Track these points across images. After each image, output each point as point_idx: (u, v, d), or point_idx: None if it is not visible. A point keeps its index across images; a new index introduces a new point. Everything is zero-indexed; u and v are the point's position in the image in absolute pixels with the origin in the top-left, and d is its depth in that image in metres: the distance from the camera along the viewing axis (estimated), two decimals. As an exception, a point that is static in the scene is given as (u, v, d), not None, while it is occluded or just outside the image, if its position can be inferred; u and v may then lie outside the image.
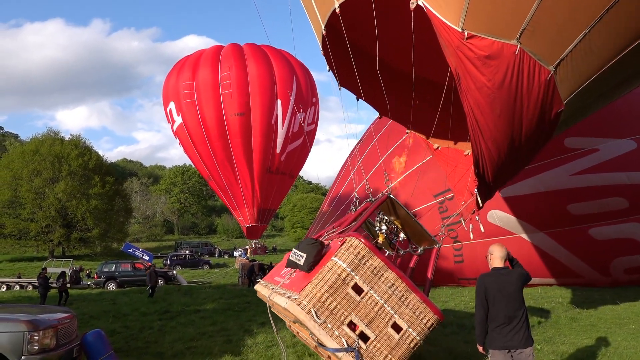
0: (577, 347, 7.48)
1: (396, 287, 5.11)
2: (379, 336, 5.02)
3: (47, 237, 40.77)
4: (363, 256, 5.11)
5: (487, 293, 4.42)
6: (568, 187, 13.57)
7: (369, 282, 5.07)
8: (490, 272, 4.56)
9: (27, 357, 5.21)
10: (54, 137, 45.61)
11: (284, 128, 22.94)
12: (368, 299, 5.04)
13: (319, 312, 4.92)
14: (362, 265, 5.08)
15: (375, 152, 16.87)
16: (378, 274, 5.09)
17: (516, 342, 4.27)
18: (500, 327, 4.32)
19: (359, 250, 5.12)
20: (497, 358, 4.33)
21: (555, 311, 10.95)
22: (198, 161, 23.87)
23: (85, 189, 41.67)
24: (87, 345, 6.23)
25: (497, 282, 4.40)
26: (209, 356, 7.34)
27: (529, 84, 5.47)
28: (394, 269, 5.19)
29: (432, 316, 5.14)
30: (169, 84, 24.30)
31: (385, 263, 5.16)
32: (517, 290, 4.37)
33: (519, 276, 4.47)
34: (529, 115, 5.76)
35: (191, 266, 35.82)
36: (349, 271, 5.04)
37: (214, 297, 16.14)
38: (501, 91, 5.53)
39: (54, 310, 6.69)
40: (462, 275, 15.53)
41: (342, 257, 5.09)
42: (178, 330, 9.89)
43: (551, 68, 5.38)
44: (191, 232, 75.44)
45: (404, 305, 5.11)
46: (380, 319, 5.04)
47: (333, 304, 4.96)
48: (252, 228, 24.38)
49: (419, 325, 5.12)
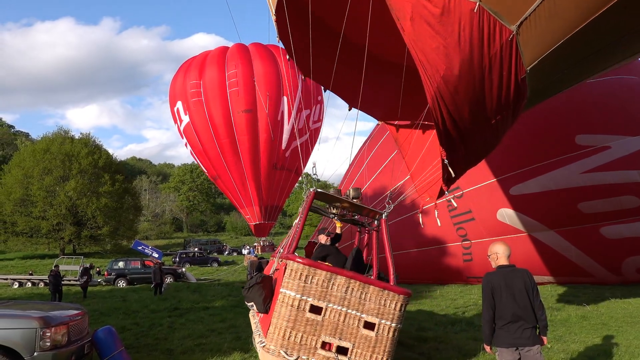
0: (587, 345, 7.42)
1: (351, 289, 5.05)
2: (357, 342, 5.01)
3: (58, 234, 41.18)
4: (307, 276, 5.00)
5: (494, 291, 4.34)
6: (579, 185, 13.42)
7: (323, 298, 4.99)
8: (496, 270, 4.49)
9: (40, 353, 5.27)
10: (64, 136, 46.01)
11: (289, 125, 23.00)
12: (330, 313, 4.99)
13: (288, 351, 4.88)
14: (310, 284, 4.99)
15: (384, 149, 16.82)
16: (328, 285, 5.01)
17: (524, 340, 4.21)
18: (508, 324, 4.26)
19: (300, 272, 5.00)
20: (505, 356, 4.27)
21: (566, 309, 10.88)
22: (205, 160, 23.95)
23: (95, 187, 42.02)
24: (98, 342, 6.29)
25: (504, 280, 4.34)
26: (218, 353, 7.37)
27: (490, 44, 5.20)
28: (341, 272, 5.15)
29: (398, 298, 5.11)
30: (175, 85, 24.44)
31: (330, 270, 5.10)
32: (524, 288, 4.30)
33: (525, 273, 4.41)
34: (491, 79, 5.47)
35: (200, 264, 36.00)
36: (300, 297, 4.96)
37: (222, 295, 16.23)
38: (459, 51, 5.27)
39: (66, 307, 6.76)
40: (471, 273, 15.46)
41: (289, 286, 4.99)
42: (187, 327, 9.95)
43: (513, 28, 5.12)
44: (200, 229, 75.83)
45: (366, 302, 5.08)
46: (349, 326, 5.01)
47: (299, 335, 4.91)
48: (260, 226, 24.46)
49: (390, 312, 5.10)
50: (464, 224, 14.74)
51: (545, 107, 14.17)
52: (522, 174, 13.86)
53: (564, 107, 14.05)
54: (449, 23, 5.09)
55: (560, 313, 10.40)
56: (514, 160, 13.93)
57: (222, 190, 25.38)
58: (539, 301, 4.32)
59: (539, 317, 4.30)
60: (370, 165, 17.14)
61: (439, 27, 5.13)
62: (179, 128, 24.60)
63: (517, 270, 4.42)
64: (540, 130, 13.91)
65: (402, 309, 5.14)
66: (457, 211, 14.74)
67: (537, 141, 13.87)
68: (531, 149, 13.86)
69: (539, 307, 4.31)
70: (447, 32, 5.13)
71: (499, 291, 4.32)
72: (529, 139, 13.97)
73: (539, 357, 4.21)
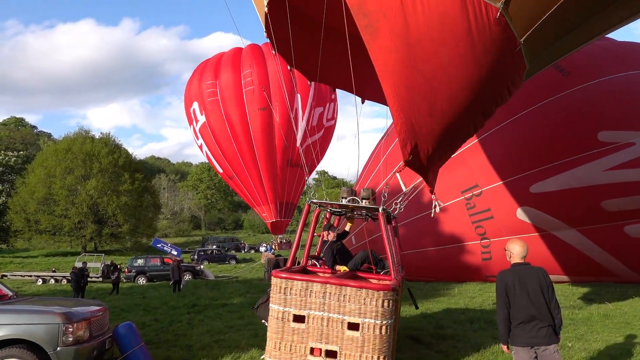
0: (609, 344, 7.27)
1: (329, 293, 5.25)
2: (343, 344, 5.14)
3: (79, 232, 42.00)
4: (285, 288, 5.36)
5: (508, 289, 4.24)
6: (602, 182, 13.12)
7: (303, 306, 5.29)
8: (510, 268, 4.38)
9: (62, 348, 5.39)
10: (85, 136, 46.86)
11: (303, 121, 23.08)
12: (312, 320, 5.25)
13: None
14: (289, 296, 5.33)
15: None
16: (306, 294, 5.30)
17: (539, 339, 4.13)
18: (523, 323, 4.17)
19: (279, 285, 5.38)
20: (521, 355, 4.19)
21: (588, 308, 10.68)
22: (221, 159, 24.08)
23: (116, 185, 42.72)
24: (119, 337, 6.39)
25: (518, 278, 4.24)
26: (236, 349, 7.43)
27: (478, 23, 5.25)
28: (316, 279, 5.38)
29: (377, 294, 5.16)
30: (191, 86, 24.69)
31: (306, 279, 5.35)
32: (539, 286, 4.20)
33: (540, 272, 4.30)
34: (485, 57, 5.47)
35: (218, 261, 36.36)
36: (282, 309, 5.33)
37: (240, 292, 16.35)
38: (446, 34, 5.27)
39: (88, 304, 6.89)
40: (490, 272, 15.27)
41: (274, 300, 5.41)
42: (206, 324, 10.05)
43: (499, 5, 5.14)
44: (218, 227, 76.50)
45: (346, 303, 5.20)
46: (333, 330, 5.18)
47: (287, 345, 5.26)
48: (276, 223, 24.59)
49: (372, 310, 5.14)
50: (482, 222, 14.56)
51: (567, 103, 13.95)
52: (543, 172, 13.62)
53: (586, 102, 13.77)
54: (434, 3, 5.16)
55: (582, 312, 10.22)
56: (534, 157, 13.70)
57: (238, 190, 25.43)
58: (554, 300, 4.23)
59: (555, 316, 4.22)
60: (387, 162, 17.04)
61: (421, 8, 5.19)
62: (194, 129, 24.77)
63: (531, 268, 4.32)
64: (561, 127, 13.66)
65: (385, 304, 5.16)
66: (475, 209, 14.57)
67: (558, 138, 13.62)
68: (552, 146, 13.61)
69: (555, 306, 4.22)
70: (430, 14, 5.22)
71: (513, 289, 4.23)
72: (549, 136, 13.73)
73: (556, 356, 4.13)
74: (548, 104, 14.07)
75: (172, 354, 7.37)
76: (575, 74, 14.20)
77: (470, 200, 14.66)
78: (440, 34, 5.37)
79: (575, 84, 14.05)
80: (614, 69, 14.31)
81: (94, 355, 5.76)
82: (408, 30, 5.36)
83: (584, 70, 14.26)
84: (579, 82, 14.06)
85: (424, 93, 5.55)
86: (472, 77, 5.62)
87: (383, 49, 5.44)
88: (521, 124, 14.10)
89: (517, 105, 14.25)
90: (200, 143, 24.80)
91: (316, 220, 6.64)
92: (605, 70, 14.29)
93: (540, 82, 14.43)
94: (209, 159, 25.39)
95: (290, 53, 7.63)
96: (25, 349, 5.33)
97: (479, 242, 14.80)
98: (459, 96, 5.70)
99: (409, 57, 5.42)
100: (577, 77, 14.12)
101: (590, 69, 14.28)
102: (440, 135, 6.01)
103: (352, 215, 7.24)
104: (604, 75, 14.21)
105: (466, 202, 14.74)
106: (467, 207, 14.71)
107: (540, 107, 14.11)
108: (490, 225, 14.47)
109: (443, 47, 5.40)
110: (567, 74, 14.28)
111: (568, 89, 14.03)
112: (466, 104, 5.81)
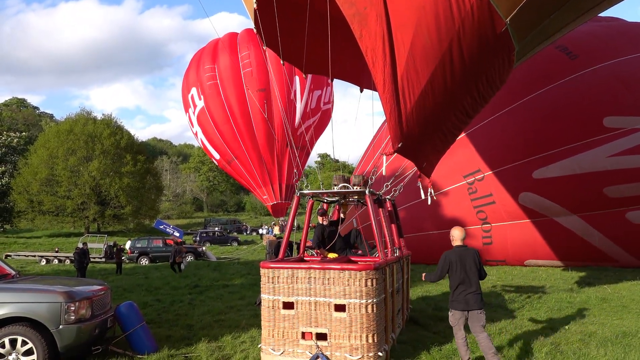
0: (606, 327, 7.34)
1: (313, 278, 5.41)
2: (332, 326, 5.30)
3: (82, 213, 42.19)
4: (272, 277, 5.57)
5: (450, 265, 5.49)
6: (605, 168, 13.04)
7: (290, 293, 5.49)
8: (453, 249, 5.59)
9: (65, 326, 5.47)
10: (86, 117, 46.74)
11: (302, 103, 22.99)
12: (300, 306, 5.44)
13: (274, 347, 5.47)
14: (277, 284, 5.53)
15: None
16: (292, 281, 5.48)
17: (471, 304, 5.36)
18: (459, 291, 5.42)
19: (267, 275, 5.61)
20: (456, 316, 5.45)
21: (586, 291, 10.75)
22: (219, 143, 23.96)
23: (118, 167, 42.74)
24: (120, 316, 6.48)
25: (458, 257, 5.49)
26: (236, 329, 7.54)
27: (459, 4, 5.28)
28: (301, 265, 5.55)
29: (361, 274, 5.28)
30: (189, 74, 24.56)
31: (291, 267, 5.53)
32: (474, 263, 5.46)
33: (475, 252, 5.59)
34: (466, 39, 5.46)
35: (220, 243, 36.60)
36: (272, 298, 5.55)
37: (242, 273, 16.50)
38: (428, 17, 5.24)
39: (90, 283, 6.97)
40: (491, 256, 15.34)
41: (265, 290, 5.64)
42: (207, 304, 10.17)
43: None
44: (220, 209, 76.81)
45: (330, 286, 5.35)
46: (321, 313, 5.35)
47: (280, 331, 5.47)
48: (277, 205, 24.62)
49: (356, 290, 5.27)
50: (484, 207, 14.55)
51: (573, 87, 13.74)
52: (546, 158, 13.55)
53: (592, 87, 13.53)
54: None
55: (580, 295, 10.29)
56: (537, 143, 13.59)
57: (236, 175, 25.33)
58: (484, 272, 5.56)
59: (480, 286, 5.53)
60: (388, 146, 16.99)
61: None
62: (190, 117, 24.61)
63: (468, 249, 5.59)
64: (566, 112, 13.49)
65: (369, 284, 5.27)
66: (477, 194, 14.55)
67: (563, 124, 13.48)
68: (556, 132, 13.48)
69: (482, 277, 5.51)
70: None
71: (454, 266, 5.47)
72: (554, 122, 13.59)
73: (481, 317, 5.36)
74: (553, 88, 13.83)
75: (173, 333, 7.47)
76: (583, 57, 13.91)
77: (472, 185, 14.63)
78: (422, 18, 5.34)
79: (583, 68, 13.76)
80: (624, 51, 13.95)
81: (95, 333, 5.85)
82: (392, 15, 5.35)
83: (592, 53, 13.94)
84: (587, 65, 13.76)
85: (412, 78, 5.53)
86: (455, 60, 5.60)
87: (372, 35, 5.43)
88: (525, 109, 13.94)
89: (521, 89, 14.08)
90: (196, 130, 24.60)
91: (310, 211, 6.78)
92: (614, 52, 13.95)
93: (546, 66, 14.21)
94: (204, 146, 25.15)
95: (282, 46, 7.59)
96: (28, 327, 5.42)
97: (480, 226, 14.83)
98: (445, 80, 5.69)
99: (396, 41, 5.40)
100: (585, 61, 13.83)
101: (599, 52, 13.96)
102: (430, 119, 6.00)
103: (345, 202, 7.36)
104: (613, 58, 13.84)
105: (468, 186, 14.71)
106: (469, 192, 14.70)
107: (546, 91, 13.88)
108: (491, 211, 14.48)
109: (426, 30, 5.37)
110: (575, 57, 13.97)
111: (575, 73, 13.77)
112: (453, 87, 5.80)
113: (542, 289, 11.11)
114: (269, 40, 7.64)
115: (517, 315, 8.34)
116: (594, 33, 14.63)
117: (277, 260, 6.00)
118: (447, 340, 6.64)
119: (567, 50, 14.11)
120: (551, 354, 5.95)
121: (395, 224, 7.84)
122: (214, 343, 6.75)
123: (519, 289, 11.24)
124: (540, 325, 7.58)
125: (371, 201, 6.19)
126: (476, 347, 5.78)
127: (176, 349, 6.46)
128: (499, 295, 10.51)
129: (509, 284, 11.95)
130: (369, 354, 5.19)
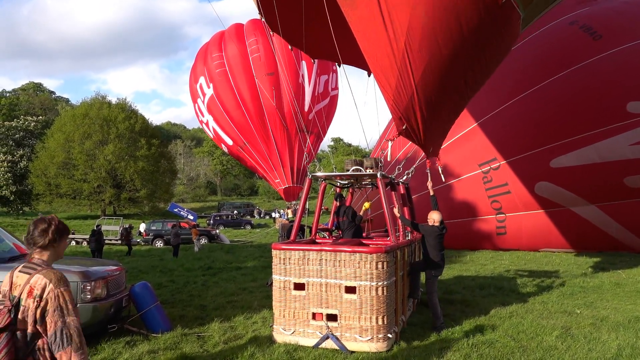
0: (619, 312, 7.29)
1: (324, 259, 5.44)
2: (342, 307, 5.35)
3: (99, 196, 42.86)
4: (284, 259, 5.63)
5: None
6: (627, 157, 12.47)
7: (302, 275, 5.53)
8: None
9: (81, 305, 5.59)
10: (101, 101, 47.14)
11: (310, 87, 22.92)
12: (311, 287, 5.48)
13: (285, 327, 5.56)
14: (289, 266, 5.60)
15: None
16: (304, 263, 5.53)
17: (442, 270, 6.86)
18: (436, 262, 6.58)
19: (279, 257, 5.67)
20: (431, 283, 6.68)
21: (599, 276, 10.66)
22: (231, 129, 24.00)
23: (133, 151, 43.18)
24: (135, 296, 6.61)
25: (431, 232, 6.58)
26: (248, 310, 7.65)
27: None
28: (313, 247, 5.59)
29: (372, 257, 5.30)
30: (196, 67, 24.58)
31: (303, 249, 5.57)
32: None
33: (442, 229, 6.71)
34: (467, 8, 5.30)
35: (233, 226, 36.93)
36: (283, 279, 5.61)
37: (254, 256, 16.67)
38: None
39: (105, 264, 7.11)
40: (504, 246, 15.17)
41: (276, 270, 5.71)
42: (220, 286, 10.32)
43: None
44: (233, 193, 77.28)
45: (341, 268, 5.37)
46: (332, 294, 5.40)
47: (291, 312, 5.55)
48: (289, 189, 24.71)
49: (367, 273, 5.29)
50: (499, 197, 14.17)
51: (595, 70, 12.88)
52: (565, 145, 13.00)
53: (616, 69, 12.75)
54: None
55: (593, 280, 10.21)
56: (556, 130, 13.02)
57: (248, 161, 25.34)
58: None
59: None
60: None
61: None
62: (199, 107, 24.60)
63: (443, 228, 6.70)
64: (587, 97, 12.83)
65: (379, 266, 5.29)
66: (492, 183, 14.14)
67: (583, 109, 12.85)
68: (576, 118, 12.86)
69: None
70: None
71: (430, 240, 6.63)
72: (574, 107, 12.92)
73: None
74: (574, 71, 13.10)
75: (186, 313, 7.61)
76: (607, 37, 13.08)
77: (488, 173, 14.20)
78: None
79: (607, 49, 12.94)
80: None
81: (111, 312, 5.99)
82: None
83: (617, 32, 13.10)
84: (611, 46, 12.94)
85: (407, 58, 5.43)
86: (453, 31, 5.45)
87: (362, 19, 5.35)
88: (544, 94, 13.33)
89: (540, 73, 13.46)
90: (207, 119, 24.59)
91: (323, 194, 6.80)
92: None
93: (568, 47, 13.30)
94: (216, 133, 25.15)
95: (288, 32, 7.53)
96: (46, 305, 5.55)
97: (494, 216, 14.54)
98: (442, 53, 5.55)
99: (388, 23, 5.30)
100: (610, 41, 13.01)
101: (626, 31, 13.10)
102: (430, 97, 5.90)
103: (359, 185, 7.39)
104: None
105: (483, 175, 14.31)
106: (483, 181, 14.26)
107: (565, 75, 13.18)
108: (506, 200, 14.10)
109: (421, 5, 5.23)
110: (599, 38, 13.12)
111: (598, 55, 12.97)
112: (452, 59, 5.65)
113: (555, 274, 11.04)
114: (275, 26, 7.60)
115: (529, 300, 8.32)
116: (620, 10, 13.84)
117: (288, 242, 6.04)
118: (457, 323, 6.67)
119: (592, 29, 13.26)
120: (562, 338, 5.94)
121: (407, 207, 7.82)
122: (227, 323, 6.86)
123: (531, 273, 11.19)
124: (552, 309, 7.56)
125: (383, 184, 6.18)
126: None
127: (189, 328, 6.59)
128: (511, 279, 10.48)
129: (522, 269, 11.89)
130: (378, 336, 5.24)
